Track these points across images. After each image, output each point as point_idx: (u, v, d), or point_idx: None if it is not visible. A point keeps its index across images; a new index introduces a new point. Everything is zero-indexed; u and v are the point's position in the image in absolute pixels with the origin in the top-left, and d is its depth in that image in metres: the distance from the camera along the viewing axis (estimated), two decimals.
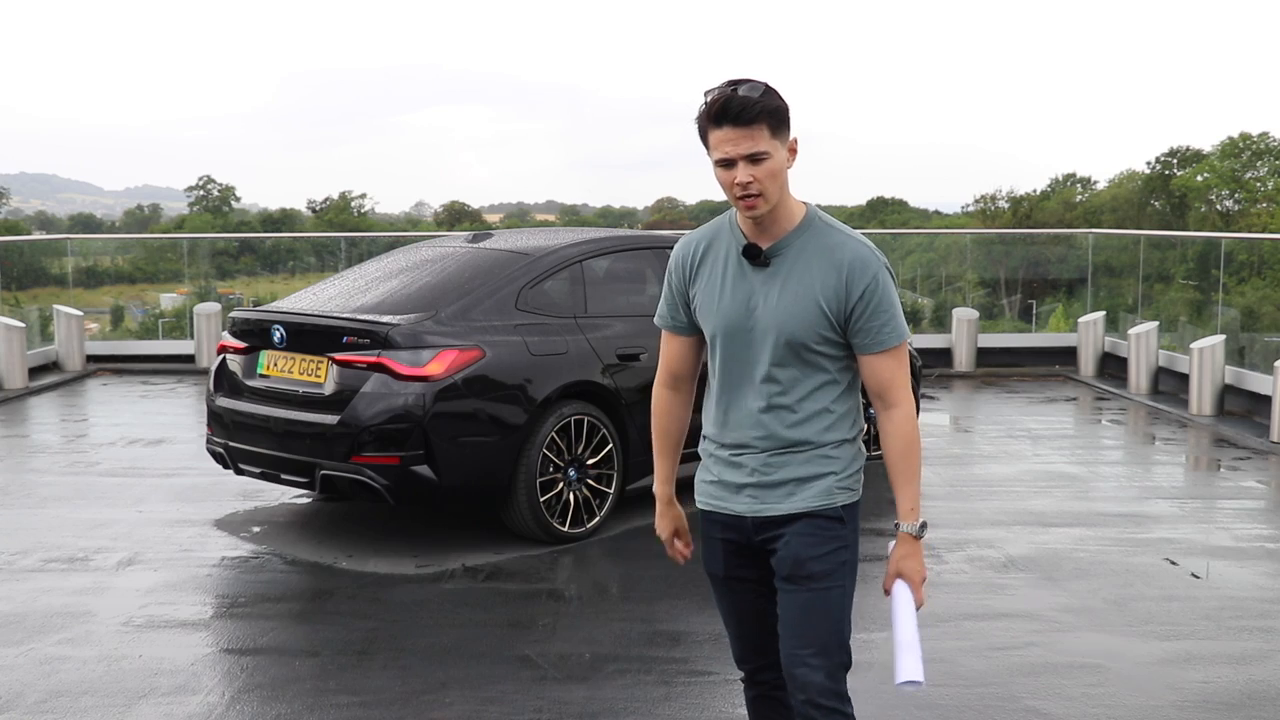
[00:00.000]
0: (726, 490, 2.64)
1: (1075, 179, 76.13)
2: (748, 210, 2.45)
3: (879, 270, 2.49)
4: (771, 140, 2.39)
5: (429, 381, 5.37)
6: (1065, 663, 4.30)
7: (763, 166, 2.40)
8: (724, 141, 2.39)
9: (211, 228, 68.67)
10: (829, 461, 2.58)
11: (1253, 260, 14.23)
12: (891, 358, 2.54)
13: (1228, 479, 7.57)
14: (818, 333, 2.49)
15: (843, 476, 2.60)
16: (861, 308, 2.49)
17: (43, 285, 14.22)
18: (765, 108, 2.37)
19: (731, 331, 2.55)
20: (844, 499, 2.59)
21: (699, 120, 2.44)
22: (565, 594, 5.06)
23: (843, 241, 2.51)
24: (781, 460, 2.57)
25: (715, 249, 2.60)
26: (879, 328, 2.50)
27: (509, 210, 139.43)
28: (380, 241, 16.40)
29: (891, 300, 2.51)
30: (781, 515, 2.58)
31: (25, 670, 4.20)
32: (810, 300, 2.48)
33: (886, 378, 2.54)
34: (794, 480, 2.56)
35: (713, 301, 2.57)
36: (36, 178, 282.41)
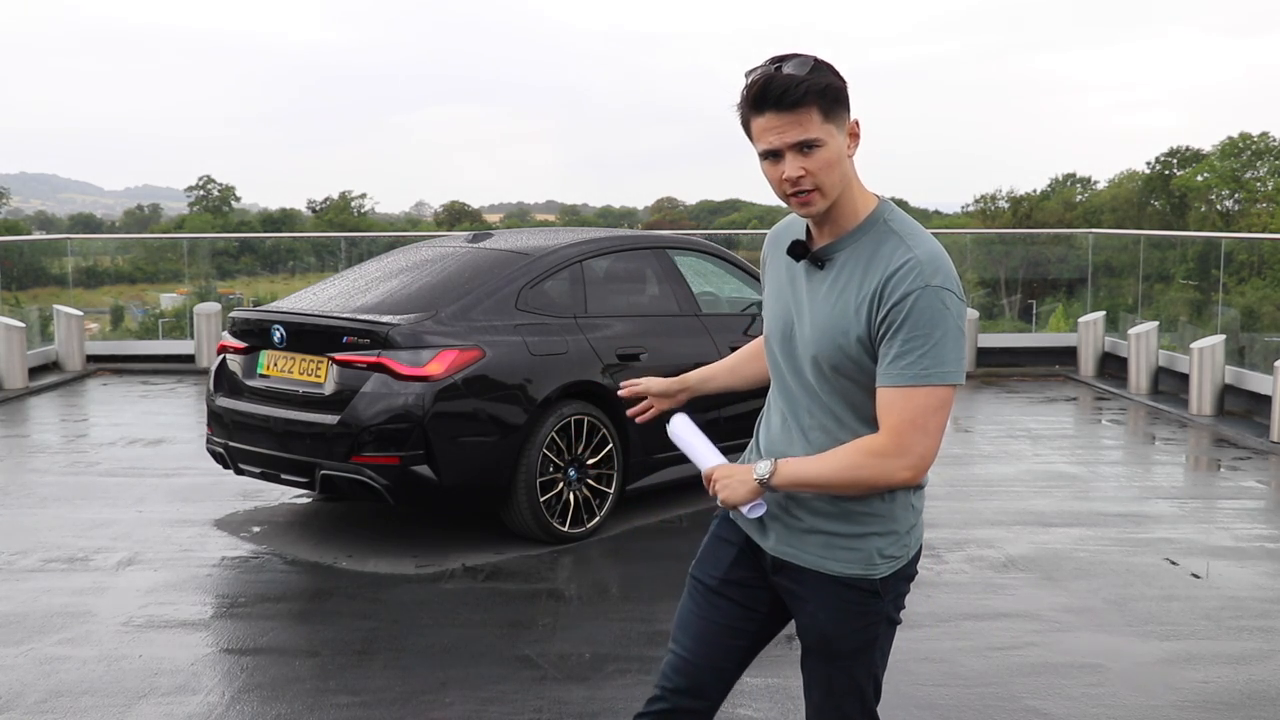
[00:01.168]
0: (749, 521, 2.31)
1: (1075, 179, 76.22)
2: (801, 209, 2.09)
3: (923, 290, 2.00)
4: (824, 125, 2.01)
5: (429, 381, 5.37)
6: (1065, 663, 4.30)
7: (815, 157, 2.01)
8: (768, 130, 2.02)
9: (211, 228, 68.69)
10: (870, 520, 2.15)
11: (1253, 260, 14.24)
12: (900, 397, 2.02)
13: (1228, 479, 7.57)
14: (850, 357, 2.08)
15: (888, 539, 2.17)
16: (885, 327, 2.02)
17: (43, 285, 14.22)
18: (814, 87, 1.99)
19: (778, 339, 2.23)
20: (887, 569, 2.17)
21: (740, 107, 2.07)
22: (565, 594, 5.06)
23: (897, 251, 2.06)
24: (812, 502, 2.18)
25: (783, 244, 2.27)
26: (894, 356, 2.01)
27: (509, 210, 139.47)
28: (380, 241, 16.41)
29: (926, 329, 1.99)
30: (808, 569, 2.20)
31: (25, 670, 4.20)
32: (849, 316, 2.07)
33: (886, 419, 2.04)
34: (827, 533, 2.17)
35: (771, 300, 2.28)
36: (36, 178, 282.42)
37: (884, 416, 2.04)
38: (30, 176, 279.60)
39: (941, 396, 2.02)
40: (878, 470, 2.05)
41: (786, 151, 2.02)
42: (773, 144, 2.02)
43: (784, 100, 1.98)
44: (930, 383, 2.00)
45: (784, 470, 2.11)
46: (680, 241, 7.10)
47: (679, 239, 7.31)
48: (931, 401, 2.01)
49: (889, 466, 2.04)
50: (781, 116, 1.99)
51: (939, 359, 2.00)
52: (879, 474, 2.05)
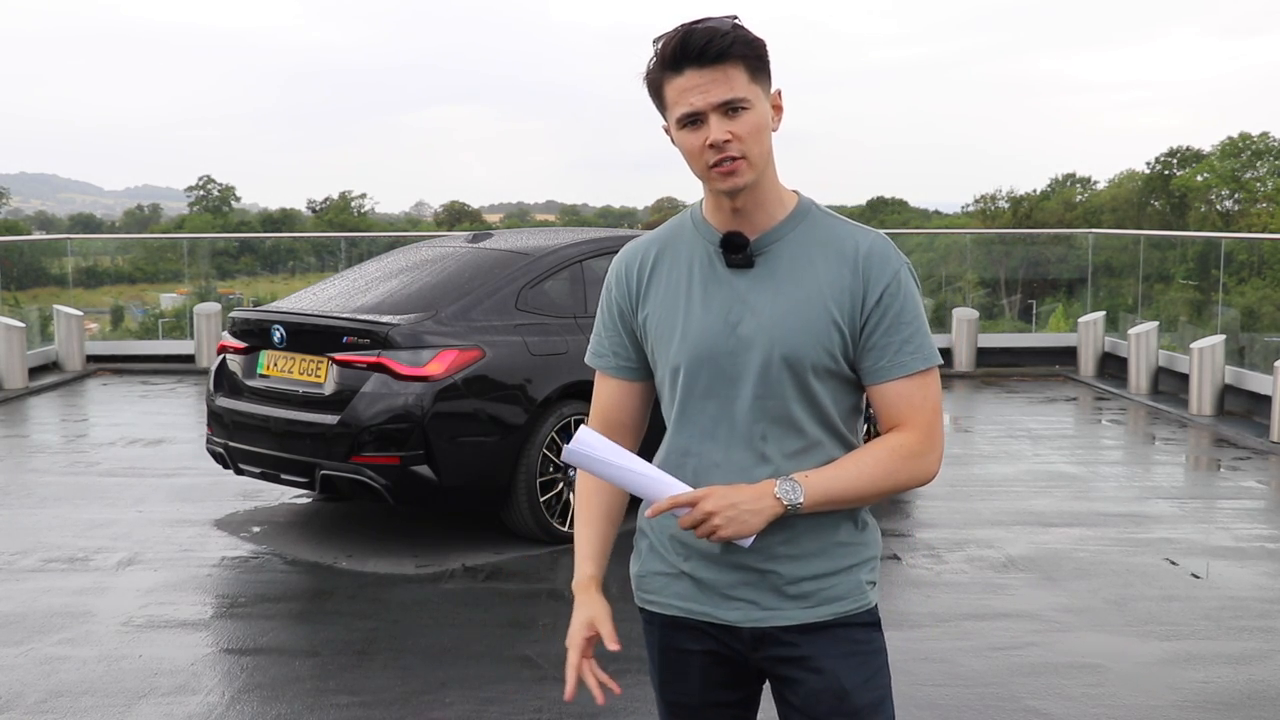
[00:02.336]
0: (702, 590, 1.92)
1: (1075, 179, 76.22)
2: (726, 180, 1.79)
3: (901, 268, 1.85)
4: (751, 85, 1.77)
5: (429, 381, 5.37)
6: (1065, 663, 4.30)
7: (742, 120, 1.76)
8: (688, 90, 1.75)
9: (211, 228, 68.70)
10: (850, 550, 1.91)
11: (1253, 260, 14.24)
12: (917, 387, 1.85)
13: (1228, 479, 7.57)
14: (827, 350, 1.83)
15: (866, 566, 1.94)
16: (879, 314, 1.82)
17: (43, 285, 14.23)
18: (740, 40, 1.75)
19: (706, 356, 1.85)
20: (874, 595, 1.96)
21: (650, 74, 1.81)
22: (565, 594, 5.06)
23: (853, 232, 1.88)
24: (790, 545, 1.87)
25: (673, 254, 1.93)
26: (900, 344, 1.83)
27: (509, 210, 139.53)
28: (380, 241, 16.41)
29: (916, 309, 1.85)
30: (799, 625, 1.89)
31: (25, 670, 4.20)
32: (818, 306, 1.82)
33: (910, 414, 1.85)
34: (808, 577, 1.88)
35: (674, 321, 1.88)
36: (36, 178, 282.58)
37: (905, 412, 1.84)
38: (30, 176, 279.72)
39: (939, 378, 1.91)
40: (915, 470, 1.86)
41: (710, 113, 1.75)
42: (695, 105, 1.75)
43: (707, 53, 1.73)
44: (933, 364, 1.87)
45: (813, 488, 1.78)
46: None
47: None
48: (939, 385, 1.89)
49: (925, 464, 1.86)
50: (704, 73, 1.74)
51: (929, 339, 1.87)
52: (916, 474, 1.86)
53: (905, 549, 5.71)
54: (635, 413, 2.03)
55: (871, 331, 1.83)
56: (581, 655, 2.00)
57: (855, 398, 1.91)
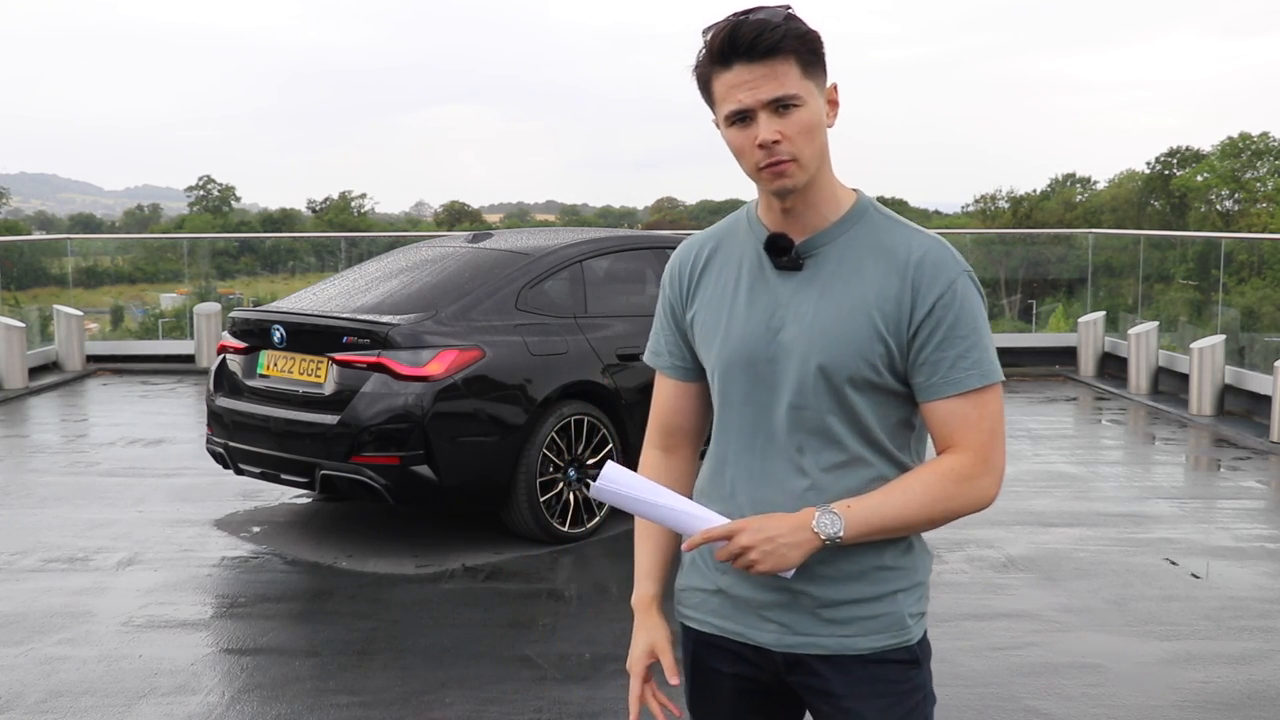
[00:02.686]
0: (737, 608, 1.82)
1: (1075, 179, 76.26)
2: (775, 181, 1.69)
3: (959, 276, 1.71)
4: (803, 81, 1.65)
5: (429, 381, 5.37)
6: (1065, 663, 4.30)
7: (794, 118, 1.65)
8: (737, 86, 1.65)
9: (211, 228, 68.72)
10: (891, 575, 1.77)
11: (1253, 260, 14.24)
12: (972, 405, 1.71)
13: (1228, 479, 7.57)
14: (868, 361, 1.70)
15: (913, 593, 1.80)
16: (930, 326, 1.69)
17: (43, 285, 14.23)
18: (792, 32, 1.64)
19: (745, 362, 1.77)
20: (919, 629, 1.81)
21: (698, 67, 1.71)
22: (565, 594, 5.06)
23: (909, 237, 1.74)
24: (826, 566, 1.74)
25: (725, 253, 1.84)
26: (954, 359, 1.69)
27: (509, 210, 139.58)
28: (380, 241, 16.41)
29: (975, 321, 1.71)
30: (831, 656, 1.77)
31: (25, 670, 4.20)
32: (861, 315, 1.70)
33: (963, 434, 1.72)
34: (845, 603, 1.76)
35: (719, 321, 1.80)
36: (36, 178, 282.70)
37: (958, 432, 1.71)
38: (30, 176, 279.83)
39: (1001, 397, 1.76)
40: (971, 496, 1.71)
41: (759, 111, 1.65)
42: (743, 102, 1.65)
43: (757, 47, 1.63)
44: (994, 381, 1.72)
45: (854, 519, 1.66)
46: (680, 241, 7.10)
47: (679, 239, 7.31)
48: (1000, 404, 1.74)
49: (980, 488, 1.71)
50: (753, 68, 1.64)
51: (990, 353, 1.73)
52: (972, 499, 1.72)
53: None
54: (692, 415, 1.93)
55: (923, 345, 1.70)
56: (643, 682, 1.91)
57: (905, 413, 1.76)
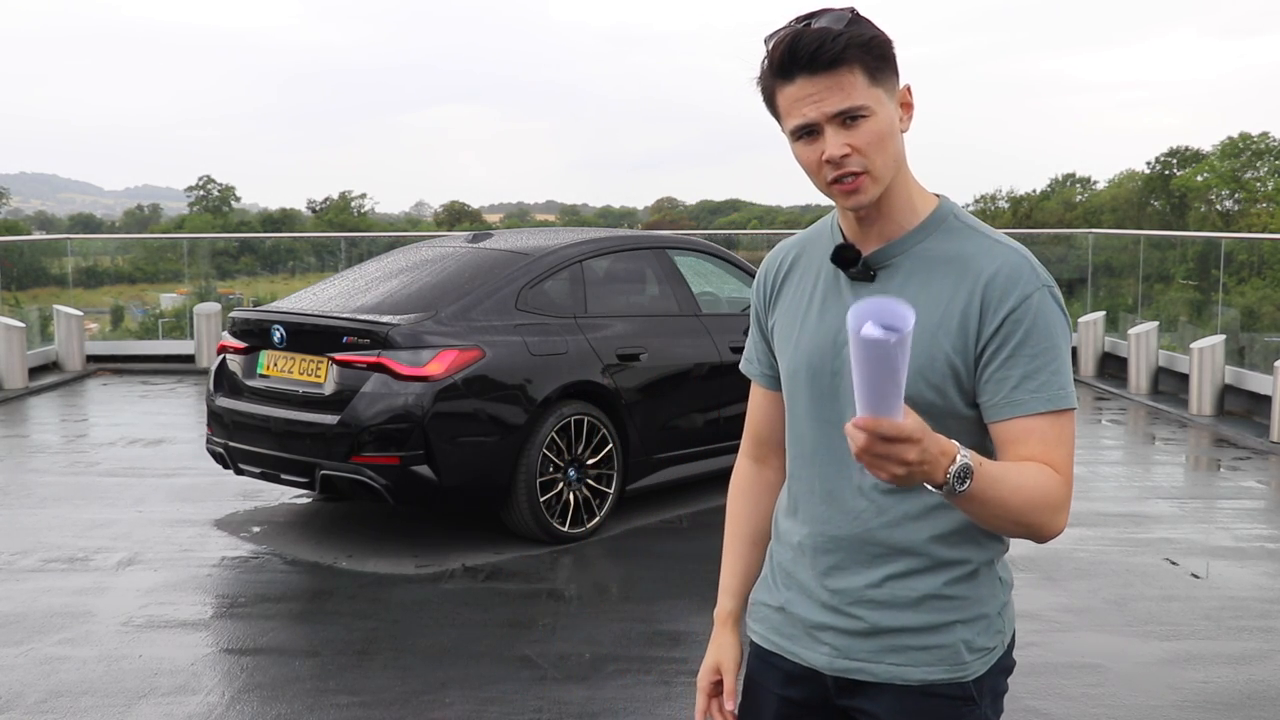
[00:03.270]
0: (794, 626, 1.76)
1: (1075, 179, 76.23)
2: (849, 199, 1.61)
3: (1037, 291, 1.60)
4: (871, 89, 1.56)
5: (429, 381, 5.37)
6: (1065, 663, 4.30)
7: (862, 129, 1.56)
8: (800, 100, 1.56)
9: (211, 228, 68.70)
10: (950, 605, 1.67)
11: (1253, 260, 14.24)
12: (1045, 427, 1.58)
13: (1228, 479, 7.57)
14: (930, 382, 1.61)
15: (976, 626, 1.69)
16: (998, 342, 1.59)
17: (43, 285, 14.23)
18: (855, 40, 1.54)
19: (810, 374, 1.70)
20: (979, 665, 1.69)
21: (761, 79, 1.62)
22: (565, 594, 5.06)
23: (987, 249, 1.64)
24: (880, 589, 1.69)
25: (808, 260, 1.77)
26: (1020, 379, 1.58)
27: (509, 210, 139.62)
28: (380, 241, 16.41)
29: (1052, 339, 1.59)
30: (882, 684, 1.70)
31: (25, 670, 4.20)
32: (927, 332, 1.61)
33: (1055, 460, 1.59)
34: (897, 630, 1.68)
35: (792, 330, 1.74)
36: (36, 178, 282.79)
37: (1038, 454, 1.58)
38: (30, 176, 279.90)
39: (1074, 427, 1.62)
40: (1054, 516, 1.58)
41: (825, 125, 1.56)
42: (808, 116, 1.56)
43: (819, 59, 1.53)
44: (1061, 406, 1.59)
45: (979, 481, 1.46)
46: (680, 241, 7.10)
47: (679, 239, 7.31)
48: (1072, 435, 1.61)
49: (1062, 516, 1.59)
50: (817, 80, 1.55)
51: (1068, 376, 1.61)
52: (1052, 521, 1.59)
53: None
54: (783, 426, 1.83)
55: (989, 362, 1.59)
56: (709, 697, 1.87)
57: (974, 438, 1.62)
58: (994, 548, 1.71)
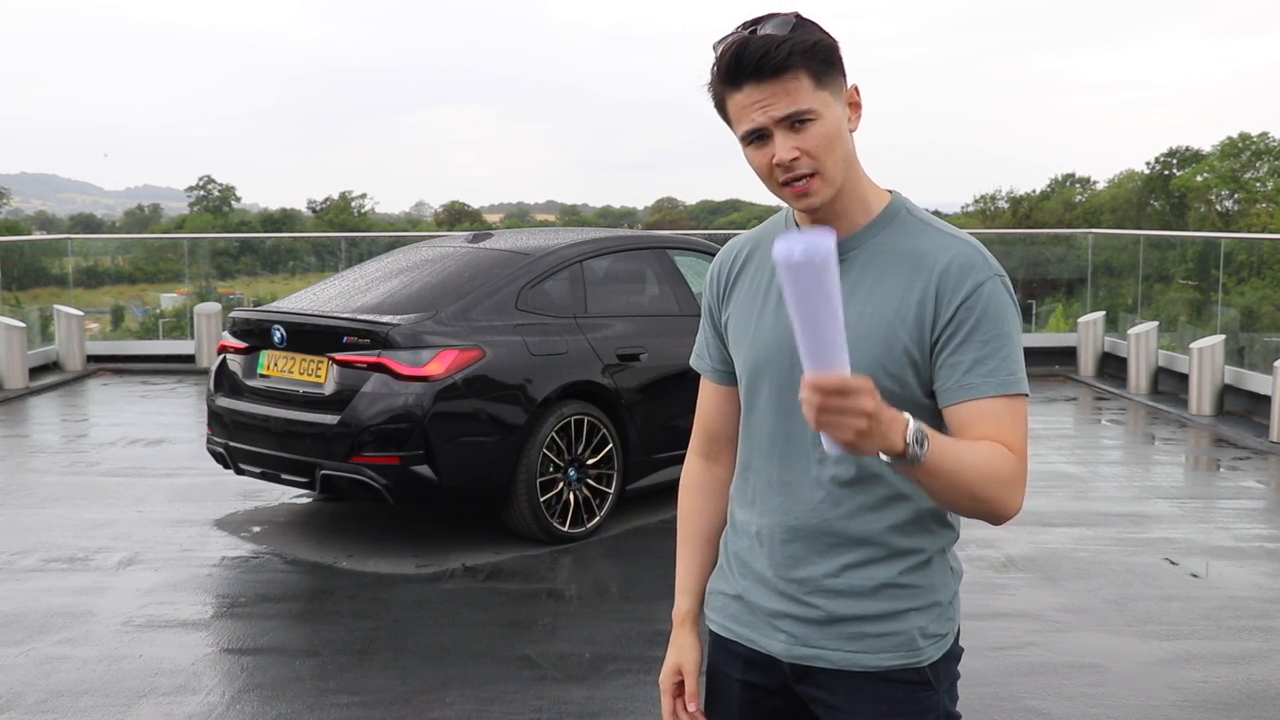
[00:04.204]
0: (752, 614, 1.80)
1: (1075, 179, 76.21)
2: (800, 200, 1.65)
3: (989, 280, 1.65)
4: (817, 92, 1.60)
5: (429, 381, 5.37)
6: (1065, 663, 4.30)
7: (810, 132, 1.60)
8: (749, 106, 1.60)
9: (212, 228, 68.69)
10: (906, 593, 1.71)
11: (1252, 260, 14.24)
12: (999, 410, 1.61)
13: (1227, 479, 7.57)
14: (889, 372, 1.64)
15: (930, 613, 1.73)
16: (951, 331, 1.63)
17: (43, 285, 14.23)
18: (799, 46, 1.58)
19: (768, 367, 1.73)
20: (934, 651, 1.73)
21: (711, 86, 1.66)
22: (565, 594, 5.06)
23: (940, 241, 1.68)
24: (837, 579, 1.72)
25: (760, 257, 1.80)
26: (971, 364, 1.62)
27: (509, 210, 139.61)
28: (380, 241, 16.41)
29: (1000, 327, 1.63)
30: (838, 670, 1.73)
31: (25, 670, 4.20)
32: (882, 324, 1.65)
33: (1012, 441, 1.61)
34: (853, 619, 1.72)
35: (748, 325, 1.78)
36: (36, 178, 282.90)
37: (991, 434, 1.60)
38: (30, 176, 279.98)
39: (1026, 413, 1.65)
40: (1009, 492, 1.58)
41: (774, 129, 1.61)
42: (757, 121, 1.60)
43: (765, 66, 1.57)
44: (1012, 391, 1.61)
45: (934, 451, 1.47)
46: (680, 241, 7.10)
47: (679, 239, 7.31)
48: (1025, 420, 1.63)
49: (1017, 493, 1.60)
50: (764, 87, 1.59)
51: (1019, 362, 1.64)
52: (1008, 497, 1.58)
53: None
54: (735, 421, 1.87)
55: (943, 349, 1.63)
56: (673, 698, 1.90)
57: (933, 425, 1.60)
58: (946, 536, 1.75)
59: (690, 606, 1.90)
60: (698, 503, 1.93)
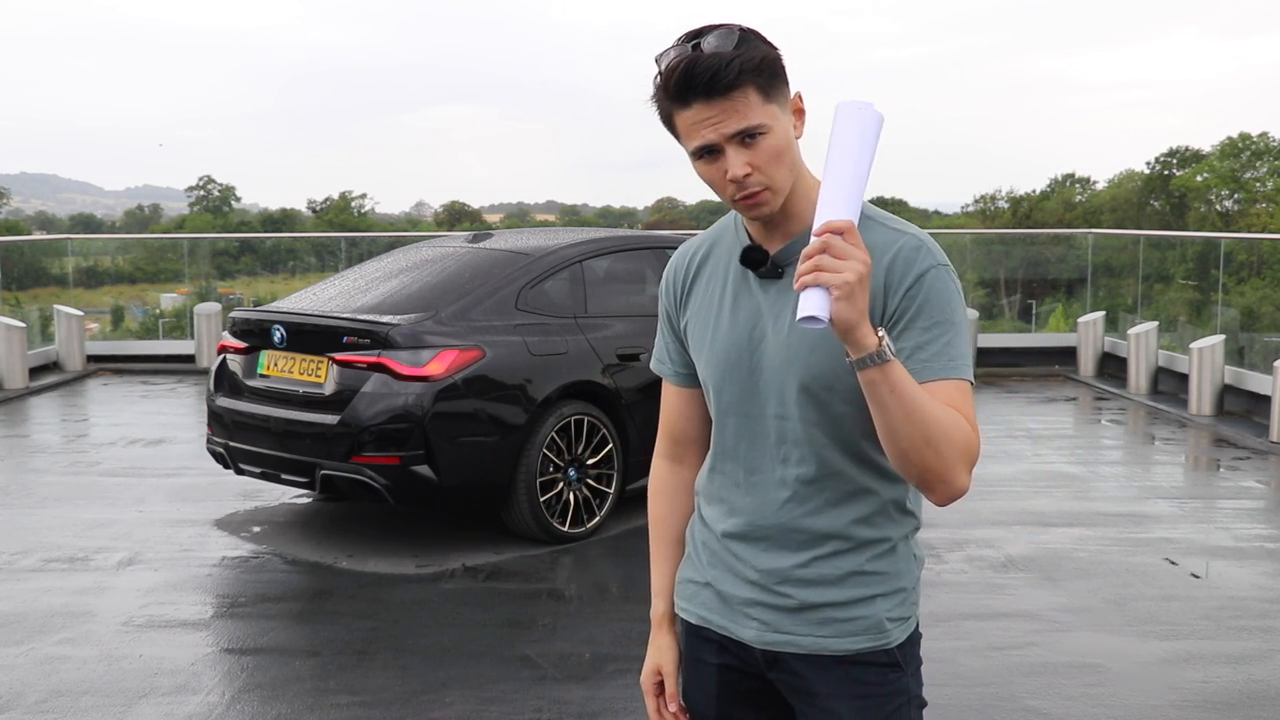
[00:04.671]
0: (722, 602, 1.85)
1: (1075, 179, 76.22)
2: (752, 211, 1.69)
3: (933, 269, 1.67)
4: (766, 106, 1.63)
5: (429, 381, 5.37)
6: (1065, 663, 4.30)
7: (761, 147, 1.63)
8: (699, 123, 1.63)
9: (212, 228, 68.70)
10: (873, 579, 1.77)
11: (1252, 260, 14.24)
12: (947, 390, 1.64)
13: (1227, 479, 7.57)
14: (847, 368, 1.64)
15: (895, 599, 1.79)
16: (899, 314, 1.67)
17: (43, 285, 14.23)
18: (748, 64, 1.60)
19: (729, 370, 1.78)
20: (900, 633, 1.79)
21: (657, 101, 1.68)
22: (565, 594, 5.06)
23: (887, 234, 1.71)
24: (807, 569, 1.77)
25: (715, 259, 1.84)
26: (914, 349, 1.65)
27: (509, 210, 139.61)
28: (380, 241, 16.41)
29: (945, 313, 1.66)
30: (809, 655, 1.79)
31: (25, 670, 4.20)
32: None
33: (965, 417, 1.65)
34: (822, 605, 1.77)
35: (707, 329, 1.81)
36: (36, 178, 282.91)
37: None
38: (30, 176, 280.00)
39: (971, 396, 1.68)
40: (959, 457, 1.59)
41: (726, 145, 1.64)
42: (708, 138, 1.63)
43: (715, 86, 1.59)
44: (956, 375, 1.65)
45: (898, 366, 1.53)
46: (680, 241, 7.10)
47: (679, 239, 7.31)
48: (972, 401, 1.66)
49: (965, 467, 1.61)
50: (713, 105, 1.61)
51: (963, 350, 1.67)
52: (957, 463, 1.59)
53: None
54: (699, 422, 1.93)
55: (889, 334, 1.65)
56: (656, 698, 1.96)
57: None
58: (908, 523, 1.81)
59: (667, 609, 1.94)
60: (667, 505, 1.98)
